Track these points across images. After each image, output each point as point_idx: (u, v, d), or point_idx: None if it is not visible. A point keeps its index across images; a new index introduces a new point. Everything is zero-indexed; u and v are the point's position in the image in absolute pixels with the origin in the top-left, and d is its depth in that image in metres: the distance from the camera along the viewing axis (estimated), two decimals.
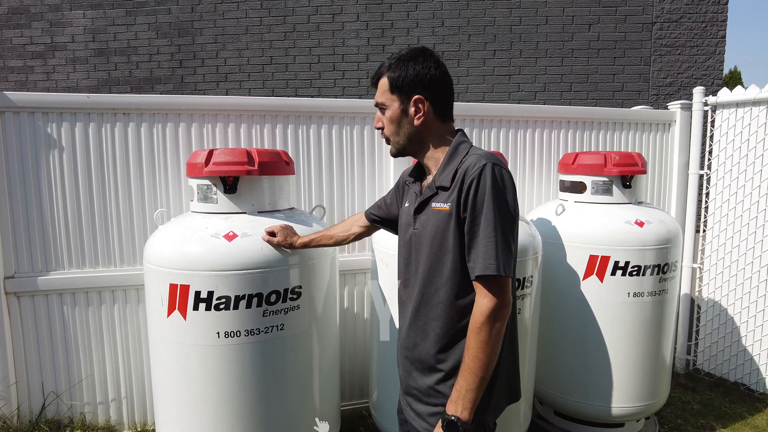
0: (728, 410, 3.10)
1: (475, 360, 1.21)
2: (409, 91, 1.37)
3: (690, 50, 5.08)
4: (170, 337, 1.89)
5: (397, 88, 1.38)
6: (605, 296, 2.51)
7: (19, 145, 2.47)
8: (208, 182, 1.99)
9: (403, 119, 1.40)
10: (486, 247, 1.22)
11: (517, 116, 3.14)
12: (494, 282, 1.22)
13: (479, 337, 1.21)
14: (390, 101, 1.40)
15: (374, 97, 1.47)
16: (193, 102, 2.67)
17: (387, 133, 1.45)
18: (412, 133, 1.42)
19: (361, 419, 2.92)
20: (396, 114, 1.40)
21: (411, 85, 1.37)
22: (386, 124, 1.43)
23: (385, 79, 1.40)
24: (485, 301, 1.22)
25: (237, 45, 5.19)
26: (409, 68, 1.37)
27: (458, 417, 1.22)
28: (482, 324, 1.21)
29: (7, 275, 2.49)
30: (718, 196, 3.47)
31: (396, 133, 1.43)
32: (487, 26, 5.11)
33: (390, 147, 1.47)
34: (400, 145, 1.44)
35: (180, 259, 1.83)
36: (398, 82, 1.37)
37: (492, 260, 1.21)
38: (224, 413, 1.87)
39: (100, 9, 5.24)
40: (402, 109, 1.39)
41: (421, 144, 1.43)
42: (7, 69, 5.32)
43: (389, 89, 1.39)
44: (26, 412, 2.58)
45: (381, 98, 1.43)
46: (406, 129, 1.41)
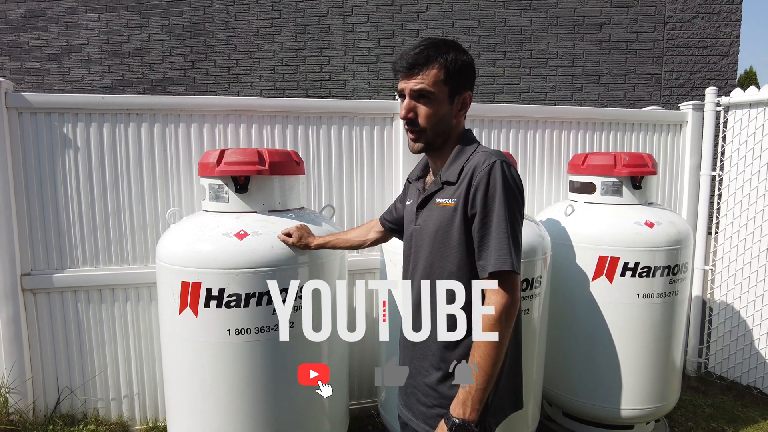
0: (740, 414, 3.07)
1: (487, 358, 1.19)
2: (463, 86, 1.31)
3: (703, 50, 5.04)
4: (182, 334, 1.92)
5: (452, 80, 1.28)
6: (615, 297, 2.50)
7: (36, 145, 2.52)
8: (220, 182, 2.02)
9: (448, 114, 1.32)
10: (499, 244, 1.21)
11: (527, 117, 3.14)
12: (507, 279, 1.21)
13: (491, 335, 1.21)
14: (440, 93, 1.28)
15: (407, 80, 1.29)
16: (204, 103, 2.70)
17: (425, 125, 1.31)
18: (447, 129, 1.34)
19: (370, 418, 2.93)
20: (444, 108, 1.30)
21: (466, 79, 1.31)
22: (426, 117, 1.30)
23: (439, 68, 1.27)
24: (498, 298, 1.20)
25: (248, 47, 5.24)
26: (465, 60, 1.29)
27: (466, 419, 1.19)
28: (495, 321, 1.19)
29: (23, 272, 2.54)
30: (731, 198, 3.43)
31: (435, 127, 1.31)
32: (497, 27, 5.11)
33: (417, 142, 1.34)
34: (432, 141, 1.34)
35: (192, 257, 1.86)
36: (456, 75, 1.28)
37: (507, 256, 1.20)
38: (234, 409, 1.90)
39: (114, 12, 5.33)
40: (450, 102, 1.31)
41: (445, 141, 1.36)
42: (24, 71, 5.43)
43: (443, 80, 1.27)
44: (41, 407, 2.63)
45: (430, 87, 1.27)
46: (446, 124, 1.32)
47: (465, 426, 1.19)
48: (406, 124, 1.35)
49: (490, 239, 1.23)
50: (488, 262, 1.22)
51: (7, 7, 5.37)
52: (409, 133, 1.36)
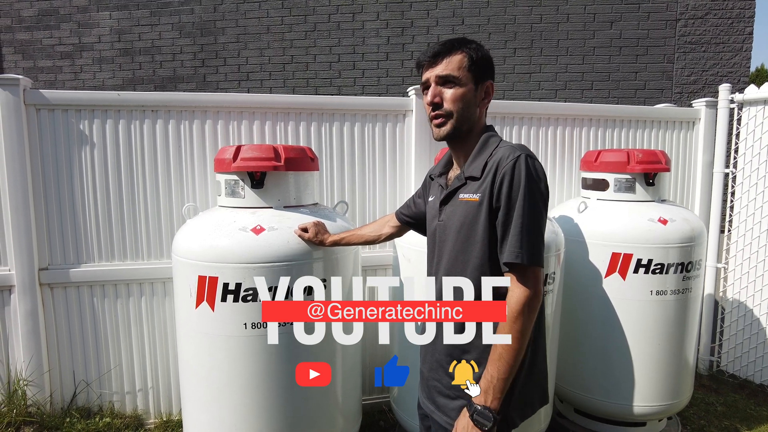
0: (753, 413, 3.05)
1: (510, 349, 1.21)
2: (484, 75, 1.36)
3: (715, 47, 4.99)
4: (198, 328, 1.94)
5: (476, 68, 1.34)
6: (628, 294, 2.49)
7: (53, 141, 2.55)
8: (236, 177, 2.04)
9: (472, 100, 1.36)
10: (524, 237, 1.22)
11: (539, 114, 3.13)
12: (532, 272, 1.23)
13: (515, 327, 1.21)
14: (465, 78, 1.34)
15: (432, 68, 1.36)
16: (218, 99, 2.72)
17: (452, 108, 1.34)
18: (472, 117, 1.37)
19: (382, 414, 2.95)
20: (470, 93, 1.35)
21: (488, 68, 1.37)
22: (453, 101, 1.34)
23: (463, 56, 1.34)
24: (522, 290, 1.22)
25: (258, 44, 5.26)
26: (486, 53, 1.36)
27: (487, 406, 1.22)
28: (519, 313, 1.21)
29: (41, 267, 2.58)
30: (744, 195, 3.41)
31: (462, 111, 1.35)
32: (507, 24, 5.09)
33: (442, 126, 1.37)
34: (458, 126, 1.36)
35: (209, 252, 1.88)
36: (480, 63, 1.34)
37: (533, 249, 1.22)
38: (249, 403, 1.92)
39: (126, 10, 5.36)
40: (474, 89, 1.35)
41: (469, 130, 1.39)
42: (37, 69, 5.48)
43: (467, 66, 1.33)
44: (58, 400, 2.67)
45: (454, 72, 1.33)
46: (470, 111, 1.36)
47: (487, 413, 1.21)
48: (431, 111, 1.38)
49: (515, 233, 1.24)
50: (513, 255, 1.23)
51: (21, 6, 5.42)
52: (433, 121, 1.39)
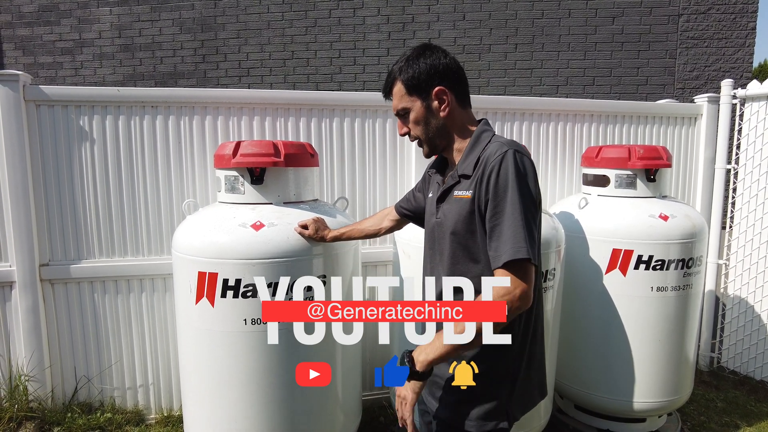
0: (753, 409, 3.05)
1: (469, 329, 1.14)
2: (428, 86, 1.35)
3: (718, 42, 4.97)
4: (198, 324, 1.94)
5: (414, 88, 1.36)
6: (628, 290, 2.49)
7: (53, 137, 2.55)
8: (236, 173, 2.04)
9: (429, 116, 1.38)
10: (513, 233, 1.19)
11: (540, 109, 3.12)
12: (522, 267, 1.19)
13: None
14: (411, 103, 1.37)
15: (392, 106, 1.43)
16: (218, 95, 2.72)
17: (416, 134, 1.41)
18: (440, 127, 1.39)
19: (382, 409, 2.95)
20: (421, 113, 1.38)
21: (427, 79, 1.34)
22: (413, 128, 1.41)
23: (400, 84, 1.37)
24: (508, 287, 1.17)
25: (259, 40, 5.25)
26: (420, 64, 1.34)
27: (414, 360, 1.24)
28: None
29: (42, 263, 2.58)
30: (746, 192, 3.40)
31: (426, 132, 1.40)
32: (508, 20, 5.07)
33: (423, 148, 1.44)
34: (432, 143, 1.42)
35: (209, 248, 1.88)
36: (414, 81, 1.35)
37: (522, 244, 1.18)
38: (250, 399, 1.92)
39: (126, 6, 5.36)
40: (425, 106, 1.37)
41: (448, 137, 1.41)
42: (37, 65, 5.48)
43: (407, 92, 1.37)
44: (60, 395, 2.67)
45: (401, 104, 1.39)
46: (433, 125, 1.39)
47: (411, 362, 1.24)
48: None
49: (503, 229, 1.21)
50: (501, 252, 1.20)
51: (21, 2, 5.42)
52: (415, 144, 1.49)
